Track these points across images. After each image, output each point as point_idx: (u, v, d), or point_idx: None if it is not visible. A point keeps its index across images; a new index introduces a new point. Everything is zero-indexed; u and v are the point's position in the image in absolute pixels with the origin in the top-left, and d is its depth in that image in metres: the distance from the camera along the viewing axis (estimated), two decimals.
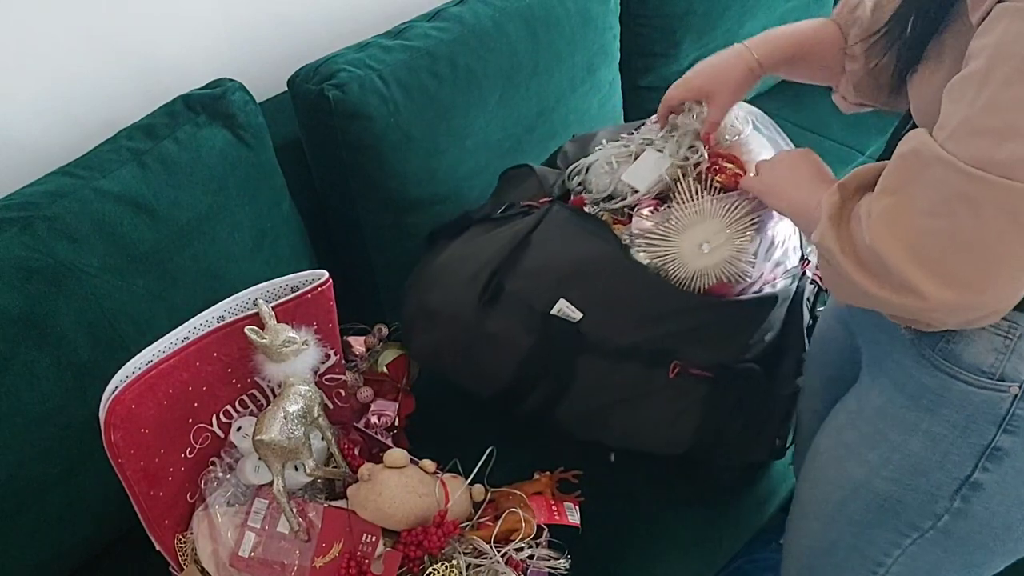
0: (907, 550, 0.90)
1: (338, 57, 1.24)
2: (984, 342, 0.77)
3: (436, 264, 1.17)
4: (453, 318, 1.12)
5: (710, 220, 1.03)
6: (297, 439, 0.94)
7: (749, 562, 1.51)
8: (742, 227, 1.04)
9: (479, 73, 1.32)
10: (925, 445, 0.84)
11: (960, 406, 0.80)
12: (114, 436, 0.89)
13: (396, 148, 1.27)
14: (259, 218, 1.18)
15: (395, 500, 0.95)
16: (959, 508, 0.84)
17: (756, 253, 1.07)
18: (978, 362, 0.78)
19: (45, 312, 0.98)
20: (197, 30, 1.28)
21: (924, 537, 0.88)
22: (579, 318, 1.06)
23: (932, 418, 0.83)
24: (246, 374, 1.01)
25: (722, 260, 1.04)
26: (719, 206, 1.03)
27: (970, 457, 0.81)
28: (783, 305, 1.13)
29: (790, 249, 1.15)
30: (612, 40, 1.55)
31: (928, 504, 0.86)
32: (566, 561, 0.99)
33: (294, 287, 1.01)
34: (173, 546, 1.01)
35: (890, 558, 0.92)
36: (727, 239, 1.04)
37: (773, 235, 1.09)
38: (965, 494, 0.83)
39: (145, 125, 1.10)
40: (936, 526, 0.86)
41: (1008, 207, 0.62)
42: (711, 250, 1.04)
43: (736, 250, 1.04)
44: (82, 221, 1.01)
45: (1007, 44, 0.60)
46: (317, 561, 0.94)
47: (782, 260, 1.13)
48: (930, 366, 0.81)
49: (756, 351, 1.12)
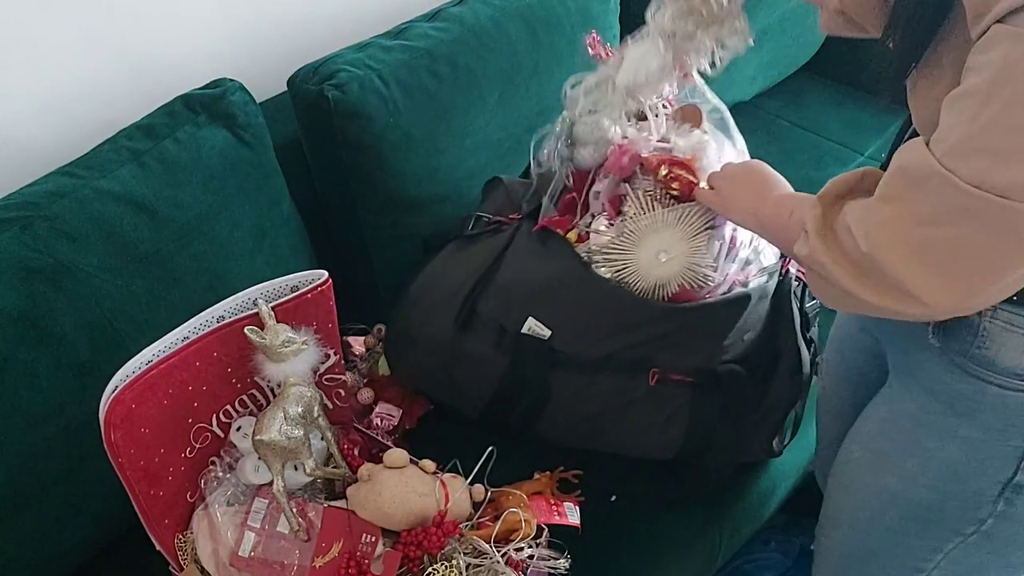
0: (949, 555, 0.90)
1: (338, 57, 1.24)
2: (1016, 345, 0.76)
3: (413, 287, 1.19)
4: (432, 340, 1.14)
5: (665, 229, 1.04)
6: (297, 439, 0.95)
7: (749, 562, 1.51)
8: (697, 233, 1.04)
9: (479, 73, 1.32)
10: (964, 451, 0.84)
11: (997, 410, 0.80)
12: (114, 436, 0.89)
13: (396, 148, 1.27)
14: (259, 218, 1.18)
15: (395, 500, 0.95)
16: (1003, 511, 0.84)
17: (717, 257, 1.07)
18: (1012, 365, 0.77)
19: (45, 312, 0.98)
20: (197, 30, 1.28)
21: (967, 542, 0.88)
22: (548, 335, 1.08)
23: (970, 424, 0.83)
24: (246, 374, 1.01)
25: (681, 268, 1.05)
26: (672, 215, 1.04)
27: (1011, 460, 0.81)
28: (761, 303, 1.13)
29: (762, 247, 1.15)
30: (612, 40, 1.55)
31: (970, 510, 0.86)
32: (566, 561, 0.99)
33: (294, 287, 1.01)
34: (173, 546, 1.01)
35: (931, 563, 0.92)
36: (684, 246, 1.05)
37: (733, 235, 1.09)
38: (1008, 496, 0.83)
39: (145, 125, 1.10)
40: (980, 530, 0.86)
41: (1010, 225, 0.63)
42: (669, 259, 1.05)
43: (694, 256, 1.05)
44: (82, 221, 1.01)
45: (1009, 67, 0.60)
46: (317, 561, 0.94)
47: (752, 259, 1.14)
48: (963, 372, 0.81)
49: (737, 352, 1.12)
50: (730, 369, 1.10)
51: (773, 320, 1.15)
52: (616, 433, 1.13)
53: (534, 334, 1.09)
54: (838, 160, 1.82)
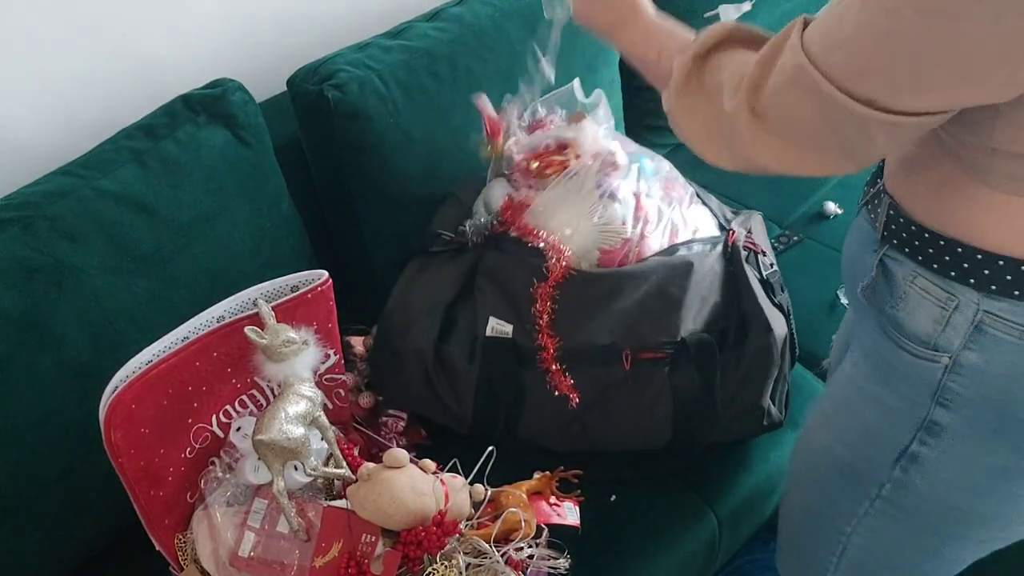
0: (862, 520, 0.92)
1: (338, 57, 1.24)
2: (926, 312, 0.77)
3: (388, 308, 1.22)
4: (415, 356, 1.16)
5: (560, 207, 1.12)
6: (297, 439, 0.94)
7: (749, 562, 1.51)
8: (590, 201, 1.12)
9: (479, 73, 1.32)
10: (877, 413, 0.86)
11: (906, 376, 0.81)
12: (114, 436, 0.89)
13: (396, 148, 1.27)
14: (259, 218, 1.18)
15: (395, 500, 0.94)
16: (899, 478, 0.85)
17: (625, 217, 1.14)
18: (919, 331, 0.78)
19: (45, 312, 0.98)
20: (197, 30, 1.28)
21: (873, 506, 0.90)
22: (510, 329, 1.12)
23: (884, 388, 0.85)
24: (246, 374, 1.01)
25: (593, 234, 1.13)
26: (555, 194, 1.12)
27: (909, 429, 0.83)
28: (709, 269, 1.17)
29: (694, 218, 1.23)
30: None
31: (874, 472, 0.88)
32: (566, 561, 1.00)
33: (294, 287, 1.01)
34: (173, 546, 1.01)
35: (849, 526, 0.94)
36: (583, 214, 1.12)
37: (636, 196, 1.17)
38: (904, 464, 0.84)
39: (145, 125, 1.10)
40: (880, 495, 0.88)
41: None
42: (575, 231, 1.12)
43: (598, 220, 1.12)
44: (82, 221, 1.01)
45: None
46: (317, 561, 0.94)
47: (679, 224, 1.20)
48: (884, 335, 0.83)
49: (702, 322, 1.15)
50: (699, 338, 1.13)
51: (730, 286, 1.18)
52: (606, 427, 1.15)
53: (498, 334, 1.12)
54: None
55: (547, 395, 1.12)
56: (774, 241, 1.61)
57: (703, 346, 1.13)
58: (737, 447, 1.25)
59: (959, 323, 0.75)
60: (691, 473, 1.22)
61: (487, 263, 1.17)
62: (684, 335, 1.13)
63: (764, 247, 1.28)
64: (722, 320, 1.16)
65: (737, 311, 1.17)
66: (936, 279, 0.76)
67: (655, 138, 1.75)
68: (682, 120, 0.78)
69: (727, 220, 1.30)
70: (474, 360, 1.14)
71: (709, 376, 1.13)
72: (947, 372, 0.78)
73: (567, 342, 1.12)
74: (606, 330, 1.12)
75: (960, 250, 0.73)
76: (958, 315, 0.75)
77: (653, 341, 1.12)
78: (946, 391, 0.79)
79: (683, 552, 1.18)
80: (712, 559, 1.25)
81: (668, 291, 1.13)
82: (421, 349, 1.16)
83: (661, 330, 1.12)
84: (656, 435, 1.15)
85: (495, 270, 1.16)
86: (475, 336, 1.15)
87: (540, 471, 1.10)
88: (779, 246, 1.60)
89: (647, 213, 1.17)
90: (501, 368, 1.13)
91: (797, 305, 1.25)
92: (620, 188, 1.15)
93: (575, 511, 1.07)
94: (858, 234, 0.89)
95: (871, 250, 0.84)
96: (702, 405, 1.14)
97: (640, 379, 1.12)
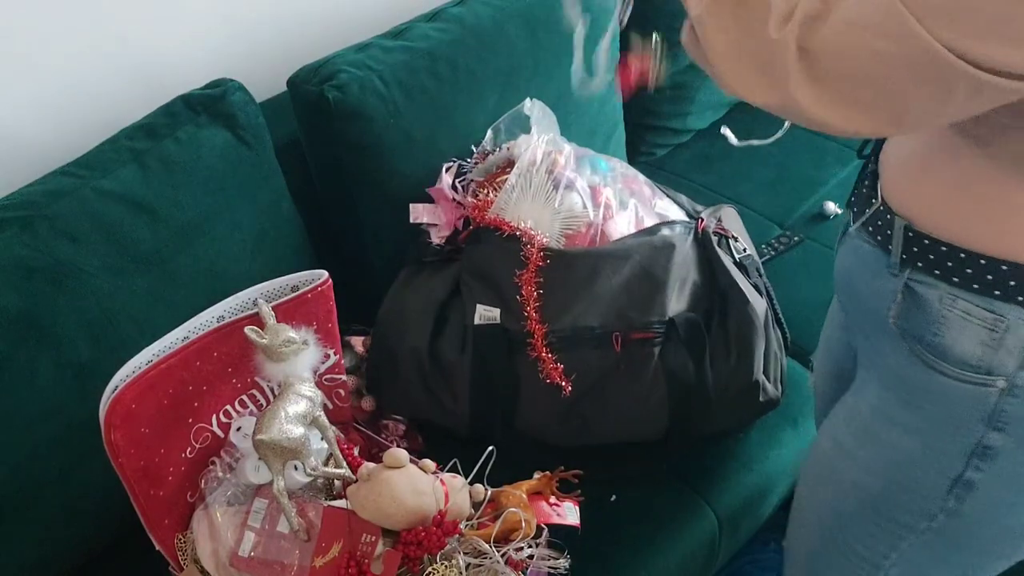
0: (904, 551, 0.89)
1: (338, 58, 1.24)
2: (971, 335, 0.74)
3: (383, 311, 1.23)
4: (410, 357, 1.17)
5: (520, 205, 1.16)
6: (297, 439, 0.94)
7: (749, 562, 1.51)
8: (547, 194, 1.18)
9: (479, 73, 1.32)
10: (916, 443, 0.82)
11: (940, 402, 0.78)
12: (114, 436, 0.89)
13: (396, 148, 1.27)
14: (259, 218, 1.18)
15: (395, 500, 0.94)
16: (953, 508, 0.82)
17: (582, 200, 1.19)
18: (966, 357, 0.75)
19: (45, 312, 0.98)
20: (197, 30, 1.28)
21: (920, 537, 0.87)
22: (497, 313, 1.14)
23: (922, 415, 0.81)
24: (246, 374, 1.01)
25: (555, 222, 1.17)
26: (511, 193, 1.16)
27: (960, 456, 0.79)
28: (684, 249, 1.19)
29: (662, 208, 1.27)
30: (612, 41, 1.54)
31: (922, 503, 0.84)
32: (566, 561, 0.99)
33: (294, 287, 1.01)
34: (173, 546, 1.01)
35: (888, 560, 0.91)
36: (543, 209, 1.17)
37: (595, 186, 1.22)
38: (958, 493, 0.81)
39: (145, 125, 1.10)
40: (931, 526, 0.85)
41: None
42: (536, 221, 1.16)
43: (559, 210, 1.16)
44: (82, 221, 1.01)
45: None
46: (317, 561, 0.94)
47: (642, 212, 1.24)
48: (917, 360, 0.79)
49: (685, 303, 1.16)
50: (686, 318, 1.14)
51: (705, 265, 1.20)
52: (604, 418, 1.15)
53: (486, 320, 1.13)
54: (838, 160, 1.81)
55: (541, 383, 1.12)
56: (774, 241, 1.61)
57: (690, 325, 1.14)
58: (736, 444, 1.25)
59: (1012, 344, 0.71)
60: (690, 472, 1.22)
61: (469, 257, 1.19)
62: (672, 315, 1.14)
63: (738, 234, 1.29)
64: (704, 300, 1.18)
65: (716, 290, 1.19)
66: (978, 300, 0.72)
67: (655, 138, 1.76)
68: (711, 31, 0.65)
69: (696, 211, 1.33)
70: (465, 350, 1.15)
71: (699, 356, 1.14)
72: (1003, 395, 0.74)
73: (555, 326, 1.12)
74: (593, 312, 1.13)
75: (1005, 268, 0.69)
76: (1011, 336, 0.71)
77: (641, 322, 1.13)
78: (1002, 415, 0.75)
79: (684, 551, 1.18)
80: (713, 558, 1.25)
81: (652, 272, 1.15)
82: (417, 348, 1.16)
83: (649, 311, 1.13)
84: (654, 423, 1.15)
85: (477, 262, 1.17)
86: (465, 328, 1.15)
87: (540, 471, 1.10)
88: (779, 246, 1.60)
89: (607, 199, 1.22)
90: (493, 355, 1.13)
91: (797, 305, 1.26)
92: (576, 180, 1.20)
93: (575, 511, 1.07)
94: (856, 256, 0.85)
95: (887, 274, 0.79)
96: (696, 387, 1.14)
97: (633, 363, 1.12)
